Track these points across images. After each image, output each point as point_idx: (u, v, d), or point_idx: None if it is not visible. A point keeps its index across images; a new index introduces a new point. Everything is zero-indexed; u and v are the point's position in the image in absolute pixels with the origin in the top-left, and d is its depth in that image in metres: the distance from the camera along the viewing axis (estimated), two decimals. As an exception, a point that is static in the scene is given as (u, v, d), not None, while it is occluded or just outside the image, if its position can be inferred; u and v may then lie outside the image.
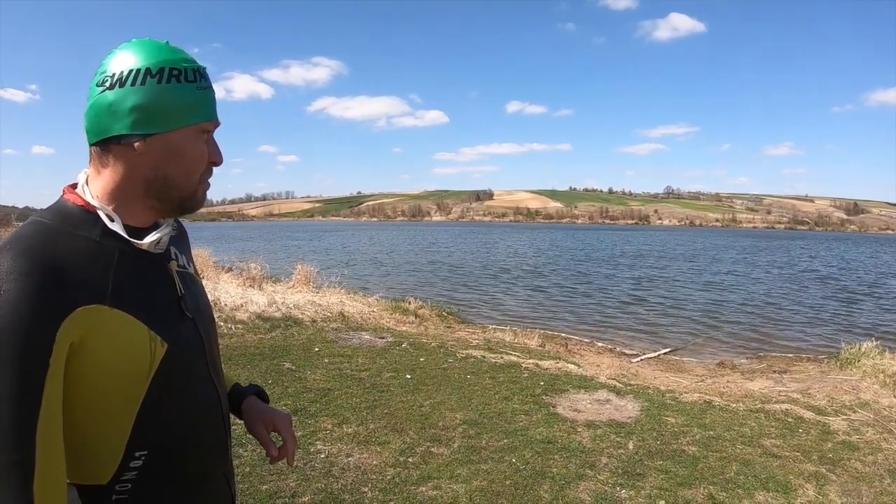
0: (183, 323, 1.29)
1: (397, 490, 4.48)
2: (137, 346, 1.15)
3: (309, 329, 10.35)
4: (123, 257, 1.19)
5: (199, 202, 1.29)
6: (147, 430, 1.18)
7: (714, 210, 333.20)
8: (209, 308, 1.46)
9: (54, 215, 1.18)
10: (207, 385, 1.34)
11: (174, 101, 1.18)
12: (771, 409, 6.91)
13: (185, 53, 1.24)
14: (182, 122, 1.20)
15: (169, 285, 1.30)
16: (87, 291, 1.09)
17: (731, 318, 16.59)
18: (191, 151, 1.23)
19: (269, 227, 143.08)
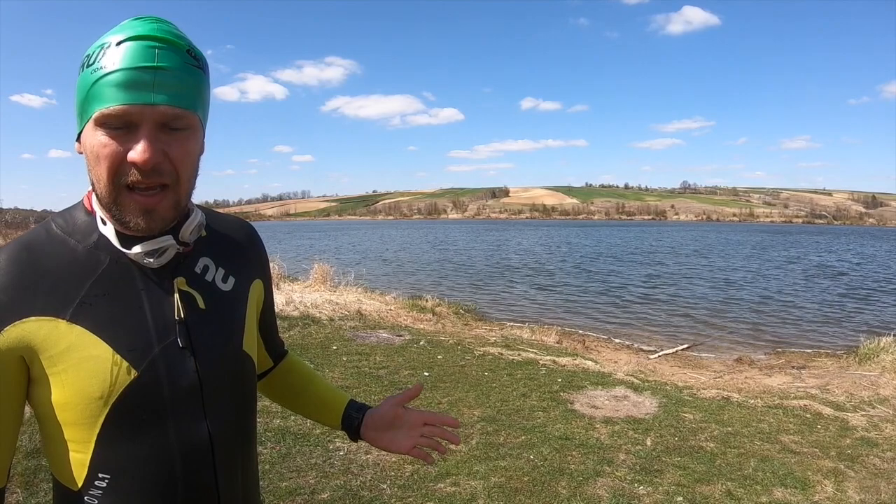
0: (171, 352, 1.13)
1: (416, 487, 4.51)
2: (94, 365, 1.06)
3: (327, 327, 10.41)
4: (112, 267, 1.11)
5: (131, 220, 1.08)
6: (108, 456, 1.09)
7: (731, 205, 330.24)
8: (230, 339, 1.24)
9: (59, 218, 1.16)
10: (194, 422, 1.15)
11: (78, 95, 1.05)
12: (789, 405, 6.90)
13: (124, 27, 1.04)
14: (84, 116, 1.04)
15: (166, 305, 1.14)
16: (46, 302, 1.05)
17: (749, 314, 16.48)
18: (90, 152, 1.04)
19: (284, 227, 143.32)
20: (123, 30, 1.02)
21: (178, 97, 1.03)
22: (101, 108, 1.00)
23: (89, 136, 1.03)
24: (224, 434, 1.20)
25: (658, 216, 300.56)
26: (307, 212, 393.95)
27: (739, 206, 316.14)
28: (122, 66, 0.99)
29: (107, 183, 1.04)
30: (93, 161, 1.04)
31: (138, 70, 0.99)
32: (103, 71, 1.00)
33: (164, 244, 1.11)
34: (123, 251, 1.10)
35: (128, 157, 1.01)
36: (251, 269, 1.34)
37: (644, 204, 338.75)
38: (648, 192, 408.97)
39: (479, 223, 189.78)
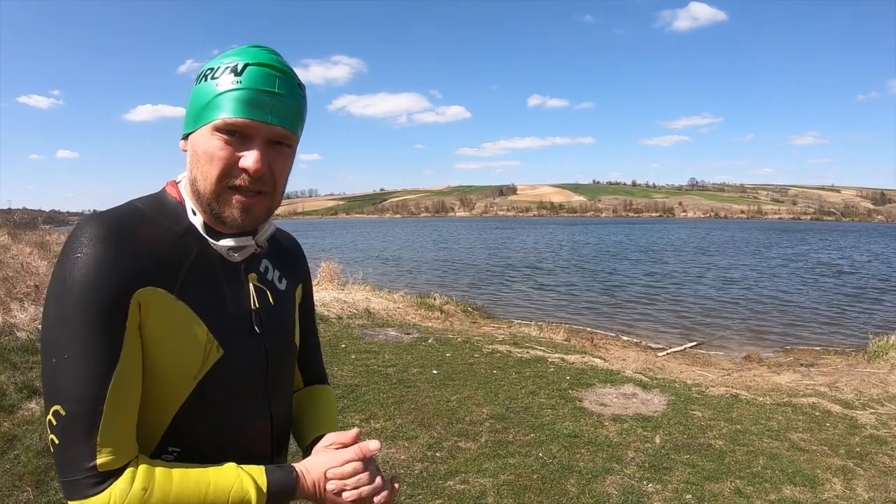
0: (249, 336, 1.27)
1: (425, 484, 4.52)
2: (193, 343, 1.16)
3: (335, 326, 10.44)
4: (202, 256, 1.22)
5: (230, 215, 1.19)
6: (182, 430, 1.18)
7: (739, 202, 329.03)
8: (288, 332, 1.40)
9: (148, 202, 1.23)
10: (260, 407, 1.30)
11: (197, 101, 1.18)
12: (798, 402, 6.90)
13: (249, 52, 1.19)
14: (201, 120, 1.17)
15: (243, 296, 1.28)
16: (158, 275, 1.13)
17: (757, 312, 16.48)
18: (203, 152, 1.16)
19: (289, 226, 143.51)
20: (247, 55, 1.18)
21: (287, 120, 1.20)
22: (224, 117, 1.14)
23: (204, 138, 1.17)
24: (280, 414, 1.36)
25: (666, 213, 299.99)
26: (315, 210, 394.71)
27: (747, 203, 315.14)
28: (248, 86, 1.15)
29: (215, 181, 1.17)
30: (204, 160, 1.17)
31: (262, 92, 1.16)
32: (229, 87, 1.15)
33: (247, 243, 1.27)
34: (210, 242, 1.23)
35: (239, 163, 1.16)
36: (296, 276, 1.50)
37: (652, 201, 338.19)
38: (656, 190, 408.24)
39: (487, 221, 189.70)
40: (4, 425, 5.15)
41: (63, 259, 1.08)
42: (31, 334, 7.58)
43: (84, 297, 1.05)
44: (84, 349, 1.04)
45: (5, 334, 7.41)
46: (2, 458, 4.58)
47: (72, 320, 1.04)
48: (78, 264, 1.06)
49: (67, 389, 1.03)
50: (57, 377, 1.04)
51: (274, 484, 1.16)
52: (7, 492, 4.11)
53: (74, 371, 1.04)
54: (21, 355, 6.88)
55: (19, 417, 5.36)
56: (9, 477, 4.31)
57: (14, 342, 7.19)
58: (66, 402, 1.03)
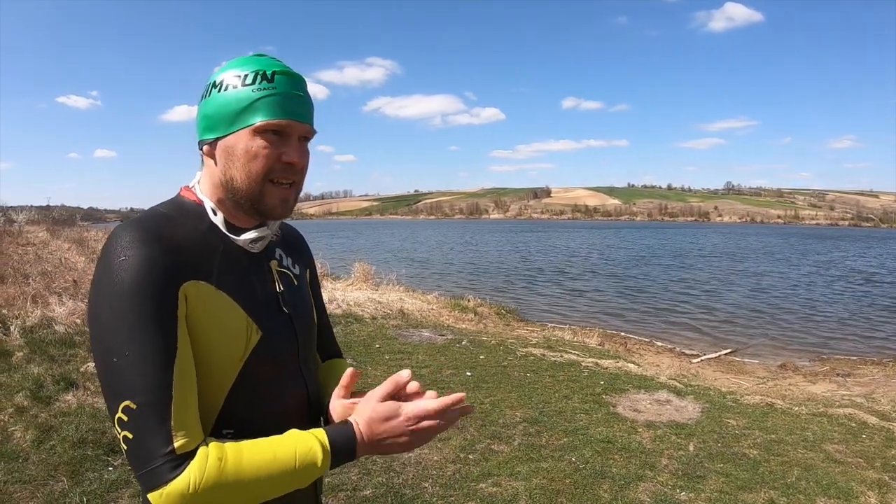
0: (279, 317, 1.37)
1: (457, 486, 4.56)
2: (235, 328, 1.25)
3: (369, 326, 10.52)
4: (227, 250, 1.31)
5: (273, 206, 1.31)
6: (234, 412, 1.27)
7: (776, 206, 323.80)
8: (309, 310, 1.53)
9: (168, 206, 1.32)
10: (297, 380, 1.41)
11: (227, 106, 1.27)
12: (834, 413, 6.82)
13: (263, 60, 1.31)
14: (236, 124, 1.27)
15: (268, 281, 1.39)
16: (197, 269, 1.21)
17: (793, 320, 16.32)
18: (245, 152, 1.27)
19: (323, 226, 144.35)
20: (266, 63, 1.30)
21: (310, 118, 1.34)
22: (267, 119, 1.26)
23: (245, 139, 1.27)
24: (313, 388, 1.48)
25: (701, 217, 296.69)
26: (349, 211, 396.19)
27: (784, 208, 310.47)
28: (281, 91, 1.28)
29: (260, 177, 1.28)
30: (246, 159, 1.27)
31: (294, 95, 1.30)
32: (266, 92, 1.26)
33: (265, 233, 1.37)
34: (232, 237, 1.33)
35: (283, 159, 1.28)
36: (304, 261, 1.61)
37: (687, 205, 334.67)
38: (691, 193, 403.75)
39: (520, 223, 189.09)
40: (41, 416, 5.29)
41: (107, 264, 1.14)
42: (68, 328, 7.74)
43: (137, 296, 1.11)
44: (143, 343, 1.10)
45: (44, 327, 7.58)
46: (38, 449, 4.71)
47: (127, 319, 1.10)
48: (125, 266, 1.12)
49: (134, 383, 1.09)
50: (121, 374, 1.10)
51: (335, 439, 1.22)
52: (42, 481, 4.23)
53: (138, 365, 1.09)
54: (58, 348, 7.04)
55: (56, 409, 5.50)
56: (45, 467, 4.43)
57: (52, 335, 7.35)
58: (135, 396, 1.09)
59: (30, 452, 4.64)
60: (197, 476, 1.07)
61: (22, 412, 5.33)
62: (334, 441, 1.22)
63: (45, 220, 33.51)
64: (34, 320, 7.71)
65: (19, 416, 5.24)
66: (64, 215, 43.05)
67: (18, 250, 16.00)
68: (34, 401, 5.56)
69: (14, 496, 4.01)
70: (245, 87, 1.26)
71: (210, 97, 1.29)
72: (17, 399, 5.53)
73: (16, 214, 28.07)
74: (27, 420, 5.16)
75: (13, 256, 13.43)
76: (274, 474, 1.14)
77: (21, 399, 5.53)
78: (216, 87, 1.29)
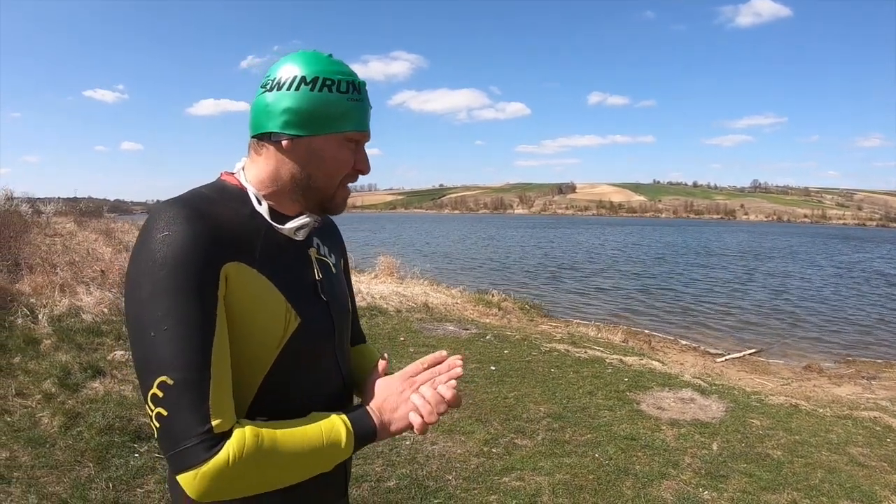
0: (317, 304, 1.38)
1: (481, 479, 4.58)
2: (274, 313, 1.25)
3: (394, 319, 10.57)
4: (269, 235, 1.31)
5: (339, 205, 1.40)
6: (269, 398, 1.27)
7: (803, 205, 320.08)
8: (346, 298, 1.56)
9: (211, 188, 1.33)
10: (333, 367, 1.43)
11: (323, 109, 1.29)
12: (859, 416, 6.77)
13: (345, 67, 1.35)
14: (328, 128, 1.30)
15: (308, 269, 1.41)
16: (239, 250, 1.22)
17: (819, 321, 16.17)
18: (334, 157, 1.33)
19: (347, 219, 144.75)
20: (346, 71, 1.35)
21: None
22: (358, 130, 1.35)
23: (335, 144, 1.33)
24: (347, 371, 1.50)
25: (727, 215, 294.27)
26: (374, 204, 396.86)
27: (811, 207, 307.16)
28: (366, 104, 1.38)
29: (340, 180, 1.37)
30: (332, 163, 1.34)
31: (369, 108, 1.40)
32: (357, 102, 1.35)
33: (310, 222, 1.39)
34: (276, 226, 1.33)
35: (357, 166, 1.38)
36: (338, 250, 1.64)
37: (713, 202, 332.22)
38: (717, 191, 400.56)
39: (545, 219, 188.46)
40: (69, 403, 5.38)
41: (148, 240, 1.14)
42: (96, 317, 7.85)
43: (178, 270, 1.11)
44: (182, 319, 1.09)
45: (71, 316, 7.69)
46: (65, 435, 4.79)
47: (169, 292, 1.10)
48: (168, 241, 1.12)
49: (172, 359, 1.08)
50: (158, 349, 1.08)
51: (355, 420, 1.27)
52: (69, 467, 4.30)
53: (177, 339, 1.08)
54: (86, 337, 7.14)
55: (83, 396, 5.59)
56: (71, 452, 4.50)
57: (79, 324, 7.45)
58: (173, 371, 1.07)
59: (57, 438, 4.72)
60: (236, 453, 1.08)
61: (50, 399, 5.42)
62: (354, 421, 1.26)
63: (72, 211, 33.74)
64: (62, 309, 7.82)
65: (47, 403, 5.33)
66: (91, 207, 43.42)
67: (46, 241, 16.19)
68: (62, 388, 5.66)
69: (41, 481, 4.08)
70: (341, 94, 1.31)
71: (296, 91, 1.28)
72: (44, 386, 5.63)
73: (44, 206, 28.33)
74: (55, 406, 5.25)
75: (41, 247, 13.59)
76: (306, 454, 1.17)
77: (49, 386, 5.63)
78: (306, 84, 1.29)
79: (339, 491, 1.49)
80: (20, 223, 15.42)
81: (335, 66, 1.32)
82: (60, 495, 3.91)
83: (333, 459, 1.22)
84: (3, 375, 5.73)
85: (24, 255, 10.47)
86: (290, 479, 1.18)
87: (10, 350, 6.29)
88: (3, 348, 6.29)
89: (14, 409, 5.17)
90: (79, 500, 3.86)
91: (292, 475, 1.17)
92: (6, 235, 11.19)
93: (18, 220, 15.58)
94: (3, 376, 5.71)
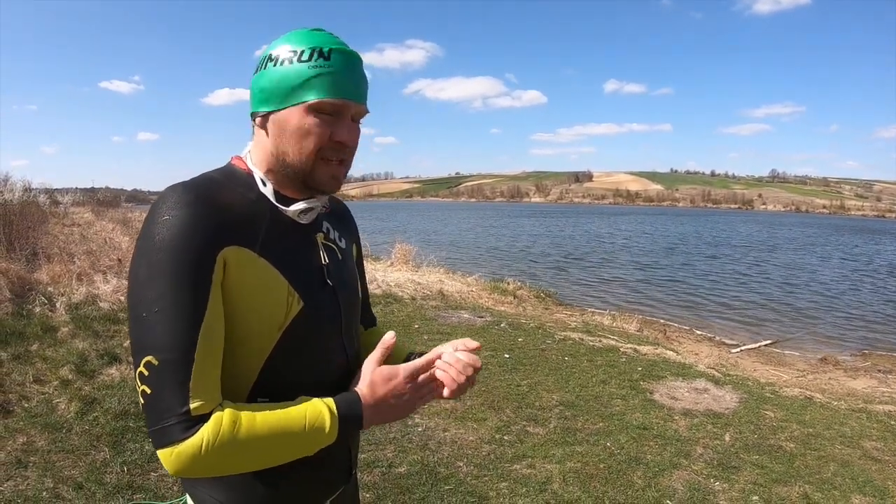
0: (323, 289, 1.38)
1: (492, 466, 4.61)
2: (275, 296, 1.26)
3: (409, 306, 10.59)
4: (274, 218, 1.32)
5: (323, 182, 1.33)
6: (270, 380, 1.28)
7: (821, 196, 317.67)
8: (354, 283, 1.54)
9: (220, 172, 1.34)
10: (338, 351, 1.42)
11: (282, 81, 1.27)
12: (873, 409, 6.72)
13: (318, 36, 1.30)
14: (289, 100, 1.27)
15: (314, 253, 1.40)
16: (241, 235, 1.23)
17: (836, 314, 16.04)
18: (297, 128, 1.28)
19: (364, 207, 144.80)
20: (323, 40, 1.30)
21: (364, 98, 1.36)
22: (322, 97, 1.27)
23: (297, 116, 1.28)
24: (354, 356, 1.49)
25: (744, 205, 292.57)
26: (389, 193, 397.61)
27: (830, 198, 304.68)
28: (338, 69, 1.28)
29: (311, 154, 1.29)
30: (299, 135, 1.29)
31: (352, 75, 1.31)
32: (322, 70, 1.27)
33: (314, 205, 1.39)
34: (281, 208, 1.34)
35: (335, 137, 1.30)
36: (350, 235, 1.64)
37: (730, 192, 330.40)
38: (735, 180, 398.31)
39: (562, 207, 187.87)
40: (85, 389, 5.46)
41: (151, 222, 1.17)
42: (112, 305, 7.92)
43: (174, 254, 1.13)
44: (174, 301, 1.12)
45: (89, 304, 7.76)
46: (82, 420, 4.87)
47: (163, 275, 1.13)
48: (167, 225, 1.14)
49: (159, 340, 1.11)
50: (148, 329, 1.12)
51: (341, 404, 1.26)
52: (85, 451, 4.37)
53: (165, 322, 1.11)
54: (103, 324, 7.21)
55: (99, 382, 5.67)
56: (87, 437, 4.58)
57: (97, 311, 7.52)
58: (158, 352, 1.11)
59: (73, 423, 4.80)
60: (211, 438, 1.10)
61: (66, 385, 5.50)
62: (340, 405, 1.25)
63: (89, 201, 33.90)
64: (79, 297, 7.89)
65: (64, 389, 5.41)
66: (108, 197, 43.68)
67: (64, 230, 16.31)
68: (78, 374, 5.74)
69: (57, 464, 4.15)
70: (301, 63, 1.26)
71: (265, 69, 1.30)
72: (62, 372, 5.70)
73: (61, 196, 28.49)
74: (71, 392, 5.33)
75: (59, 237, 13.70)
76: (285, 439, 1.18)
77: (66, 372, 5.71)
78: (272, 60, 1.29)
79: (343, 477, 1.51)
80: (38, 214, 15.55)
81: (305, 38, 1.30)
82: (76, 479, 3.97)
83: (316, 444, 1.23)
84: (22, 362, 5.80)
85: (42, 244, 10.56)
86: (269, 463, 1.20)
87: (28, 338, 6.36)
88: (22, 336, 6.36)
89: (32, 395, 5.24)
90: (94, 484, 3.92)
91: (271, 459, 1.19)
92: (24, 226, 11.28)
93: (36, 211, 15.70)
94: (21, 363, 5.78)
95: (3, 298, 7.19)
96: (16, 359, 5.84)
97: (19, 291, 7.67)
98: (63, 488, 3.87)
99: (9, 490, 3.80)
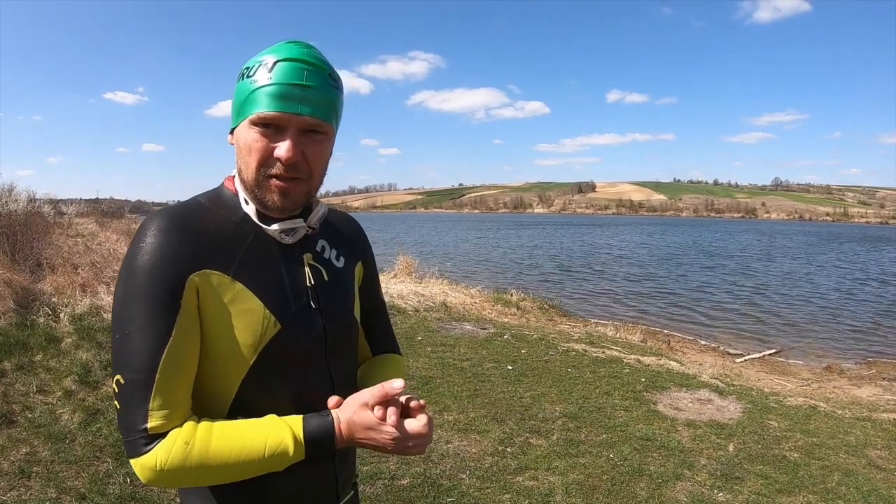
0: (306, 311, 1.36)
1: (494, 478, 4.60)
2: (250, 318, 1.26)
3: (412, 318, 10.59)
4: (257, 240, 1.32)
5: (271, 200, 1.29)
6: (247, 400, 1.29)
7: (825, 203, 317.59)
8: (346, 305, 1.48)
9: (208, 196, 1.36)
10: (322, 376, 1.38)
11: (237, 97, 1.29)
12: (878, 418, 6.70)
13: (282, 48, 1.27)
14: (240, 116, 1.28)
15: (299, 274, 1.38)
16: (215, 259, 1.25)
17: (840, 322, 16.01)
18: (244, 144, 1.27)
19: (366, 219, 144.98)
20: (279, 51, 1.26)
21: (318, 110, 1.27)
22: (259, 111, 1.24)
23: (244, 132, 1.27)
24: (342, 384, 1.42)
25: (748, 214, 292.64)
26: (393, 204, 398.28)
27: (833, 205, 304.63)
28: (277, 81, 1.23)
29: (254, 170, 1.27)
30: (245, 152, 1.27)
31: (290, 86, 1.24)
32: (261, 83, 1.24)
33: (296, 225, 1.36)
34: (263, 227, 1.33)
35: (274, 154, 1.25)
36: (356, 253, 1.60)
37: (734, 201, 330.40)
38: (738, 189, 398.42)
39: (565, 218, 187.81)
40: (88, 400, 5.48)
41: (131, 247, 1.22)
42: (115, 316, 7.93)
43: (145, 280, 1.18)
44: (143, 325, 1.17)
45: (92, 315, 7.76)
46: (85, 431, 4.89)
47: (135, 300, 1.18)
48: (142, 252, 1.20)
49: (128, 360, 1.18)
50: (120, 349, 1.19)
51: (311, 433, 1.24)
52: (88, 462, 4.39)
53: (134, 343, 1.17)
54: (106, 335, 7.21)
55: (103, 393, 5.70)
56: (90, 448, 4.60)
57: (100, 323, 7.52)
58: (126, 372, 1.18)
59: (76, 434, 4.82)
60: (163, 457, 1.15)
61: (70, 395, 5.52)
62: (310, 434, 1.24)
63: (93, 212, 33.84)
64: (83, 308, 7.89)
65: (67, 400, 5.43)
66: (112, 208, 43.69)
67: (68, 241, 16.30)
68: (82, 385, 5.75)
69: (60, 475, 4.17)
70: (248, 78, 1.26)
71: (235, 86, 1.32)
72: (65, 383, 5.71)
73: (65, 207, 28.50)
74: (75, 403, 5.36)
75: (63, 247, 13.69)
76: (241, 462, 1.20)
77: (69, 383, 5.71)
78: (240, 75, 1.30)
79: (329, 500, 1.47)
80: (42, 224, 15.53)
81: (268, 51, 1.28)
82: (79, 490, 3.98)
83: (280, 464, 1.23)
84: (25, 373, 5.81)
85: (46, 255, 10.56)
86: (232, 478, 1.23)
87: (31, 348, 6.36)
88: (26, 346, 6.36)
89: (35, 405, 5.25)
90: (97, 495, 3.93)
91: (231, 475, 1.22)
92: (28, 236, 11.28)
93: (41, 221, 15.68)
94: (25, 374, 5.79)
95: (6, 309, 7.18)
96: (19, 369, 5.84)
97: (23, 302, 7.67)
98: (66, 499, 3.88)
99: (12, 500, 3.81)
